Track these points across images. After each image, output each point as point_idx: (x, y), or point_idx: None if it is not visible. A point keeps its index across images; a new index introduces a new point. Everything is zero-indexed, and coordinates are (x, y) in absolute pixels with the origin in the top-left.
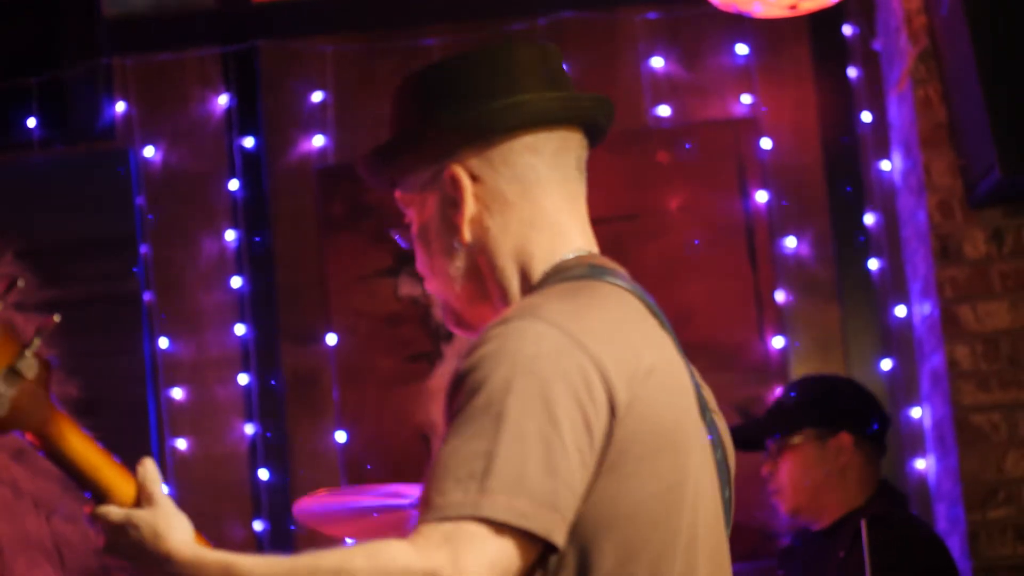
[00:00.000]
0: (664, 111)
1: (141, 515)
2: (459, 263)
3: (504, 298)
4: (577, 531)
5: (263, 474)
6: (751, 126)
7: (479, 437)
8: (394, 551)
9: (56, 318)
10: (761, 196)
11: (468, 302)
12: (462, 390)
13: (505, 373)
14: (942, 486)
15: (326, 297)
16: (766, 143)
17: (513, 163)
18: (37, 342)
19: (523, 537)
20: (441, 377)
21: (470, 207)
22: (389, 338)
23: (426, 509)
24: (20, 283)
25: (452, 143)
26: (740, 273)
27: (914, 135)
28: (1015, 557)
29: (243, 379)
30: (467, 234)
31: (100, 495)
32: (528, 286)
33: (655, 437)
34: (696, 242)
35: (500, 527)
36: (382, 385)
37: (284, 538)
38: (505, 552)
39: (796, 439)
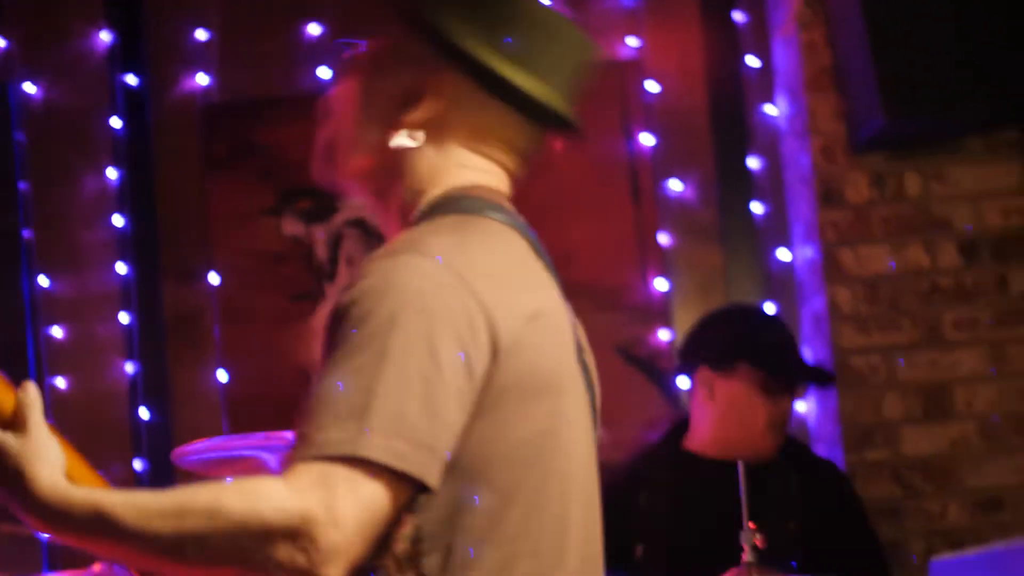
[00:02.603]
0: None
1: (8, 443)
2: (378, 148)
3: (396, 205)
4: (451, 472)
5: (143, 413)
6: (637, 68)
7: (360, 373)
8: (268, 490)
9: None
10: (646, 138)
11: (360, 176)
12: (344, 323)
13: (389, 309)
14: (821, 428)
15: (208, 236)
16: (652, 86)
17: (482, 115)
18: None
19: (398, 478)
20: (324, 316)
21: (419, 116)
22: (272, 277)
23: (303, 444)
24: None
25: (454, 59)
26: (623, 214)
27: (799, 79)
28: (892, 499)
29: (124, 318)
30: (403, 133)
31: None
32: (417, 205)
33: (533, 381)
34: None
35: (376, 467)
36: (265, 324)
37: (164, 477)
38: (379, 492)
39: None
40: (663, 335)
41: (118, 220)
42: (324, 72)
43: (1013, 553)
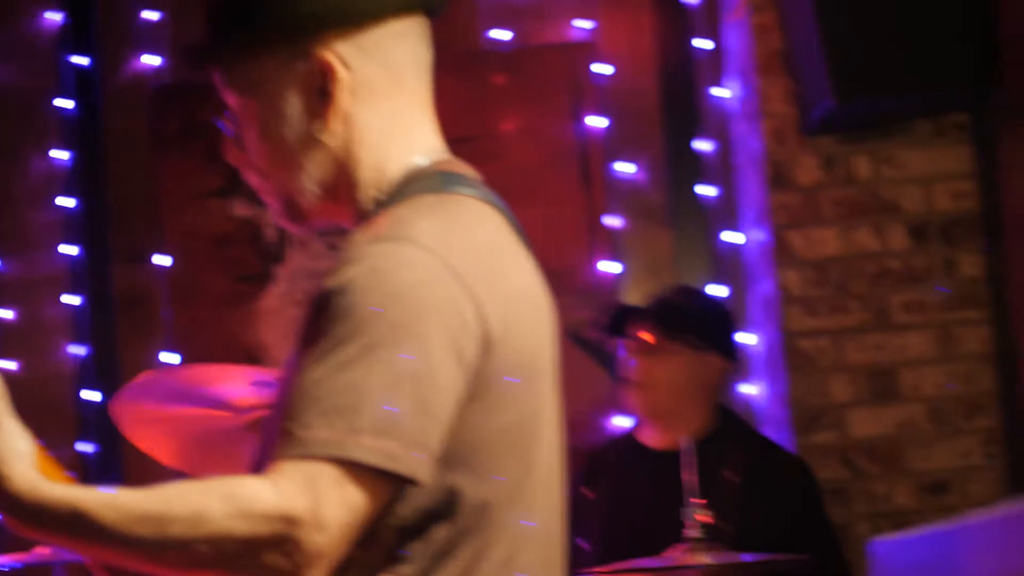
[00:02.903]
0: (501, 34)
1: None
2: (319, 155)
3: (354, 193)
4: (439, 460)
5: (92, 395)
6: (588, 51)
7: (347, 368)
8: (252, 493)
9: None
10: (596, 121)
11: (319, 197)
12: (328, 312)
13: (377, 301)
14: (770, 411)
15: (158, 217)
16: (602, 68)
17: (385, 49)
18: None
19: (387, 477)
20: (272, 298)
21: (343, 99)
22: (220, 258)
23: (287, 441)
24: None
25: (319, 26)
26: (573, 197)
27: (750, 62)
28: (839, 482)
29: (73, 300)
30: (335, 125)
31: None
32: (380, 185)
33: (518, 367)
34: None
35: (365, 469)
36: (213, 306)
37: (112, 460)
38: (367, 494)
39: (680, 341)
40: None
41: (67, 201)
42: None
43: (952, 533)
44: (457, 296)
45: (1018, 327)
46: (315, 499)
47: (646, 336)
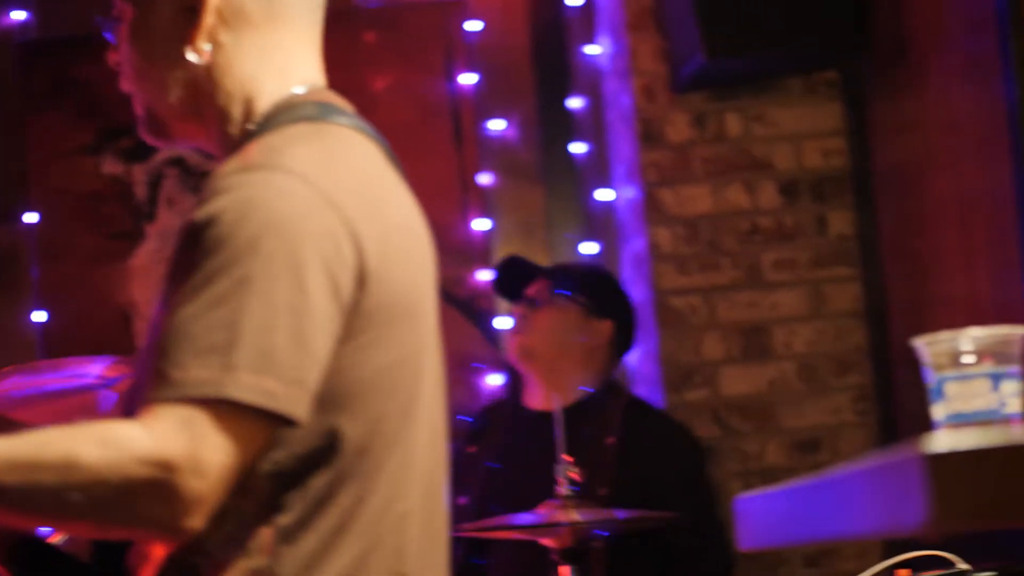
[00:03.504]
0: None
1: None
2: (180, 73)
3: (221, 121)
4: (317, 401)
5: None
6: (459, 8)
7: (221, 304)
8: (125, 437)
9: None
10: (467, 78)
11: (178, 115)
12: (199, 244)
13: (251, 232)
14: (642, 369)
15: (26, 174)
16: (474, 25)
17: None
18: None
19: (266, 417)
20: (144, 255)
21: (209, 20)
22: (90, 216)
23: (160, 384)
24: None
25: None
26: (445, 154)
27: (621, 19)
28: (712, 438)
29: None
30: (199, 47)
31: None
32: (251, 116)
33: (397, 304)
34: None
35: (243, 408)
36: (83, 264)
37: None
38: (246, 435)
39: (569, 298)
40: (483, 275)
41: None
42: None
43: (815, 487)
44: (333, 228)
45: (888, 284)
46: (192, 442)
47: (535, 289)
